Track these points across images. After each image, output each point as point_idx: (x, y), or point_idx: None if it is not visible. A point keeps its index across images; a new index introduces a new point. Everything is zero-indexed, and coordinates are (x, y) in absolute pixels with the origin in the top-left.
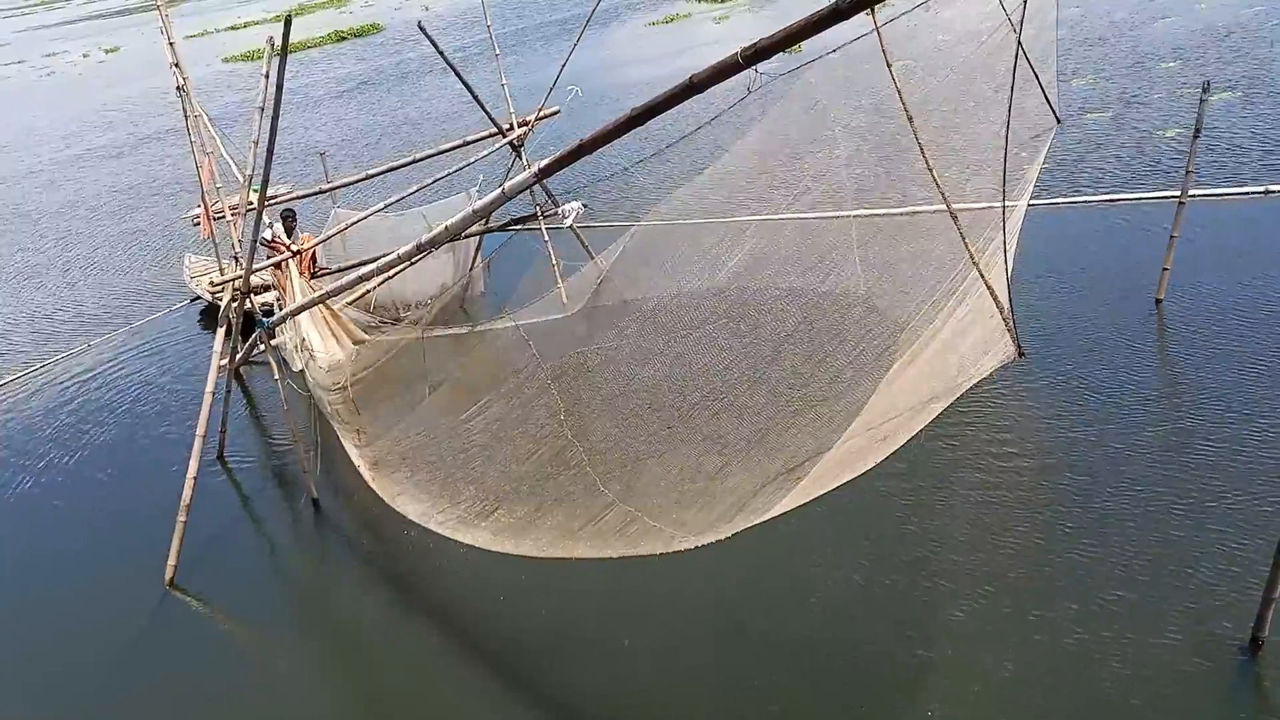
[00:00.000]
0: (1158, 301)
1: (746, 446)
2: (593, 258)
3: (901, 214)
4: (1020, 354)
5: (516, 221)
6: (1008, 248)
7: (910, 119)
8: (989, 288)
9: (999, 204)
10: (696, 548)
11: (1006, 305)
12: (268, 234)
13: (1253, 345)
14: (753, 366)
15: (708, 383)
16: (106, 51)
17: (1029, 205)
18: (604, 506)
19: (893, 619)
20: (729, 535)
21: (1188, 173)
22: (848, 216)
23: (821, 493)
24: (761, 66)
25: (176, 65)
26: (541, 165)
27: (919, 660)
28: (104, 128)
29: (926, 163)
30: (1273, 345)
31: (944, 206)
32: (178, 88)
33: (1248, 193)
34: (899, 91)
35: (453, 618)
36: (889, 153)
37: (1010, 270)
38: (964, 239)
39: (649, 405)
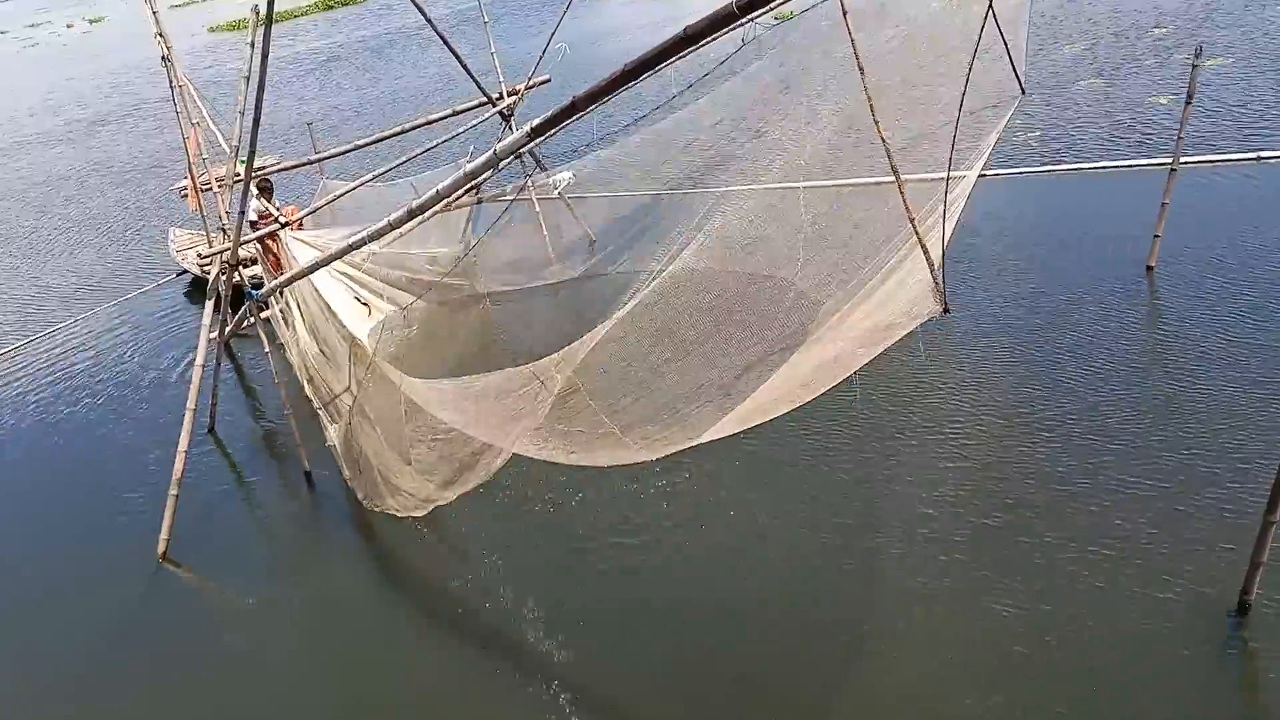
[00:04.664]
0: (1149, 268)
1: (690, 345)
2: (583, 226)
3: (866, 183)
4: (945, 310)
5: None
6: (946, 211)
7: (861, 70)
8: (921, 243)
9: (948, 170)
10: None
11: (937, 261)
12: (253, 214)
13: (1243, 311)
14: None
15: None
16: (90, 22)
17: (1020, 173)
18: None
19: (859, 584)
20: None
21: (1179, 140)
22: (802, 187)
23: (744, 428)
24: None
25: (161, 35)
26: (534, 124)
27: (891, 626)
28: (87, 99)
29: (874, 118)
30: (1263, 311)
31: (890, 173)
32: (163, 58)
33: (1240, 159)
34: (853, 43)
35: (445, 590)
36: (857, 118)
37: (949, 231)
38: (904, 198)
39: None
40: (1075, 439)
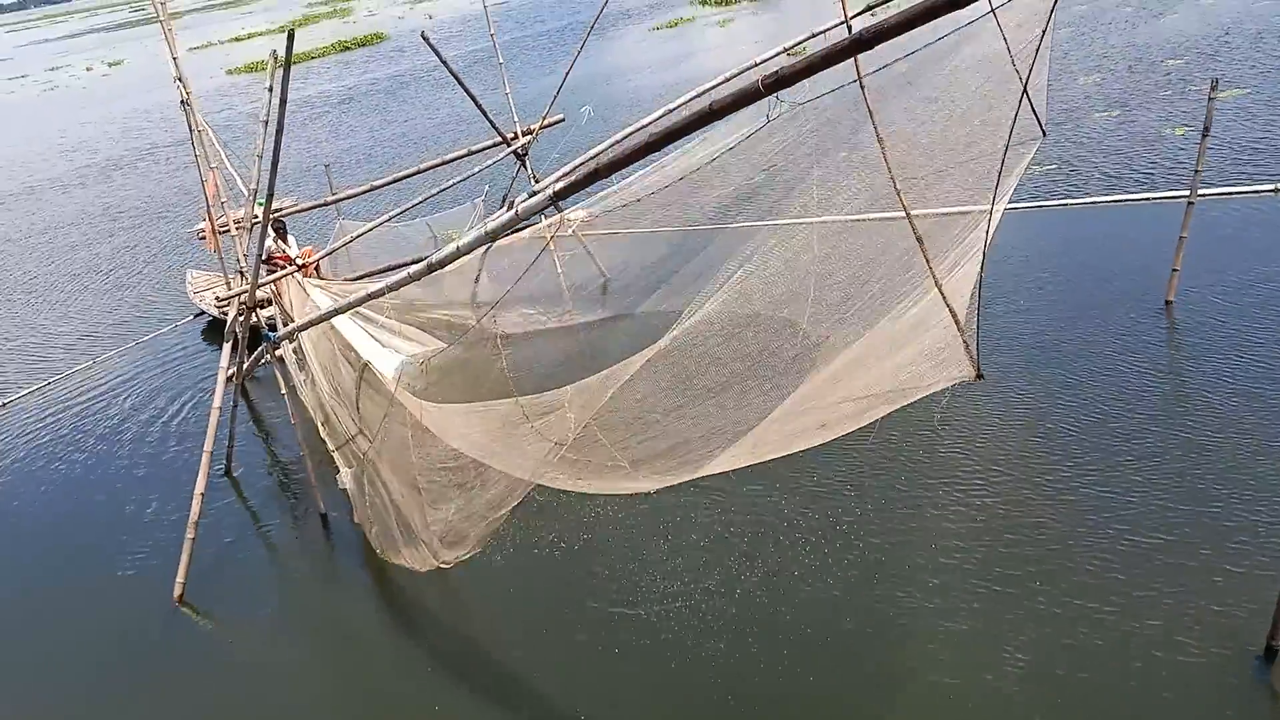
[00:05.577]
0: (1167, 303)
1: (705, 394)
2: (596, 264)
3: (885, 219)
4: (979, 376)
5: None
6: (982, 265)
7: (880, 140)
8: (949, 309)
9: (973, 220)
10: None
11: (964, 320)
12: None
13: (1264, 346)
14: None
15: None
16: (109, 65)
17: (1035, 207)
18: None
19: (862, 642)
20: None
21: (1196, 172)
22: (814, 223)
23: (755, 462)
24: (782, 94)
25: (180, 79)
26: (556, 188)
27: (897, 685)
28: (105, 142)
29: (895, 188)
30: None
31: (914, 235)
32: (182, 101)
33: (1258, 191)
34: (875, 125)
35: (460, 634)
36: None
37: (979, 291)
38: (928, 263)
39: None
40: (1091, 485)
